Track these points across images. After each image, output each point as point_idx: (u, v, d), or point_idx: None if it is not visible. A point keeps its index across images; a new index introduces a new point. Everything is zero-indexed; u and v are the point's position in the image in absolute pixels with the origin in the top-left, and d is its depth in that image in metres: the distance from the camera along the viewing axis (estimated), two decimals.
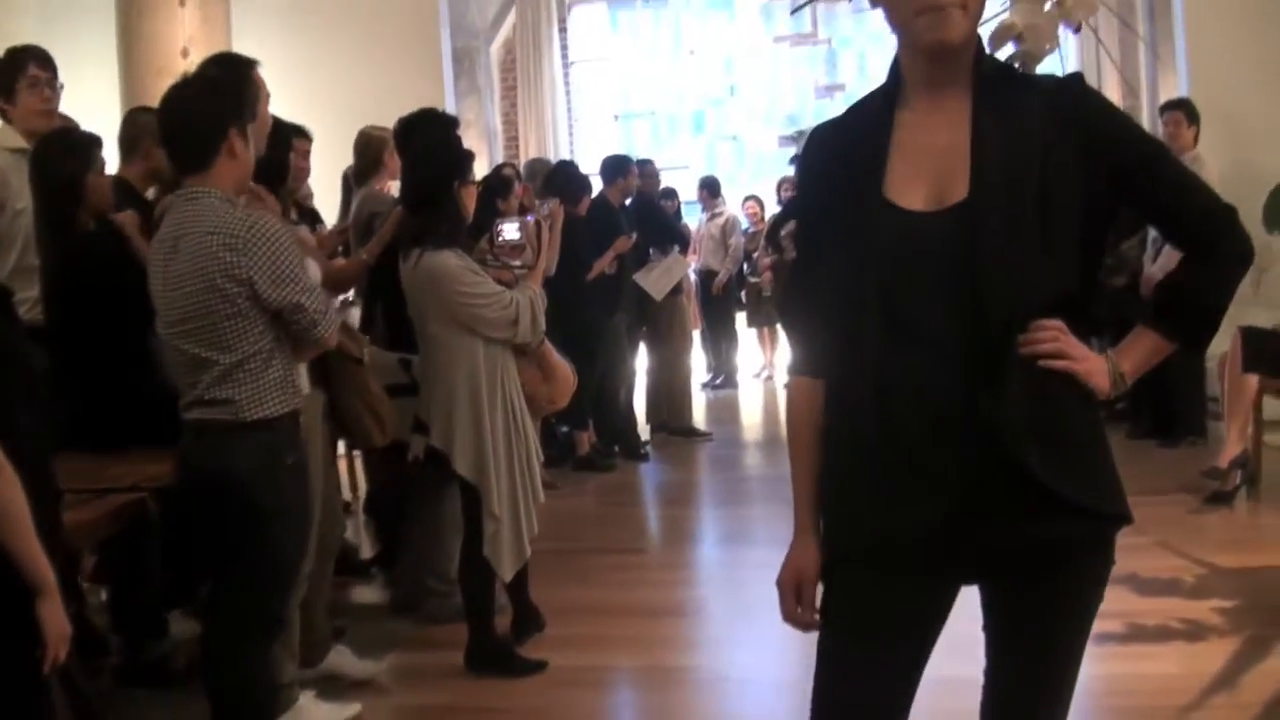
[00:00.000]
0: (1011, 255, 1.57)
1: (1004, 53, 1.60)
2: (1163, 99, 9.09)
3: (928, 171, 1.63)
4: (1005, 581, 1.70)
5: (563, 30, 12.38)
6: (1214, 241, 1.67)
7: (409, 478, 4.37)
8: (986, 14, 1.65)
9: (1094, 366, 1.64)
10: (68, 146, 3.82)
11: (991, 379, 1.57)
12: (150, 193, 4.08)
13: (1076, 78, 1.70)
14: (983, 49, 1.68)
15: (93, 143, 3.89)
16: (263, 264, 2.76)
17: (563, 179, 7.29)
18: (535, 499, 3.89)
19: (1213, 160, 6.51)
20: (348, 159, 5.48)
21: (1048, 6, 1.59)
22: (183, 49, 5.91)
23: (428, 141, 3.92)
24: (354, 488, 6.26)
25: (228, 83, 2.99)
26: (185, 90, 2.92)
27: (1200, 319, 1.71)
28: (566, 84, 12.45)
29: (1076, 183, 1.60)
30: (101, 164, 3.88)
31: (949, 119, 1.65)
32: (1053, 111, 1.63)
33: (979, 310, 1.57)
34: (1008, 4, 1.63)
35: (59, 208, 3.72)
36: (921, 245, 1.61)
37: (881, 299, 1.61)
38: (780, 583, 1.81)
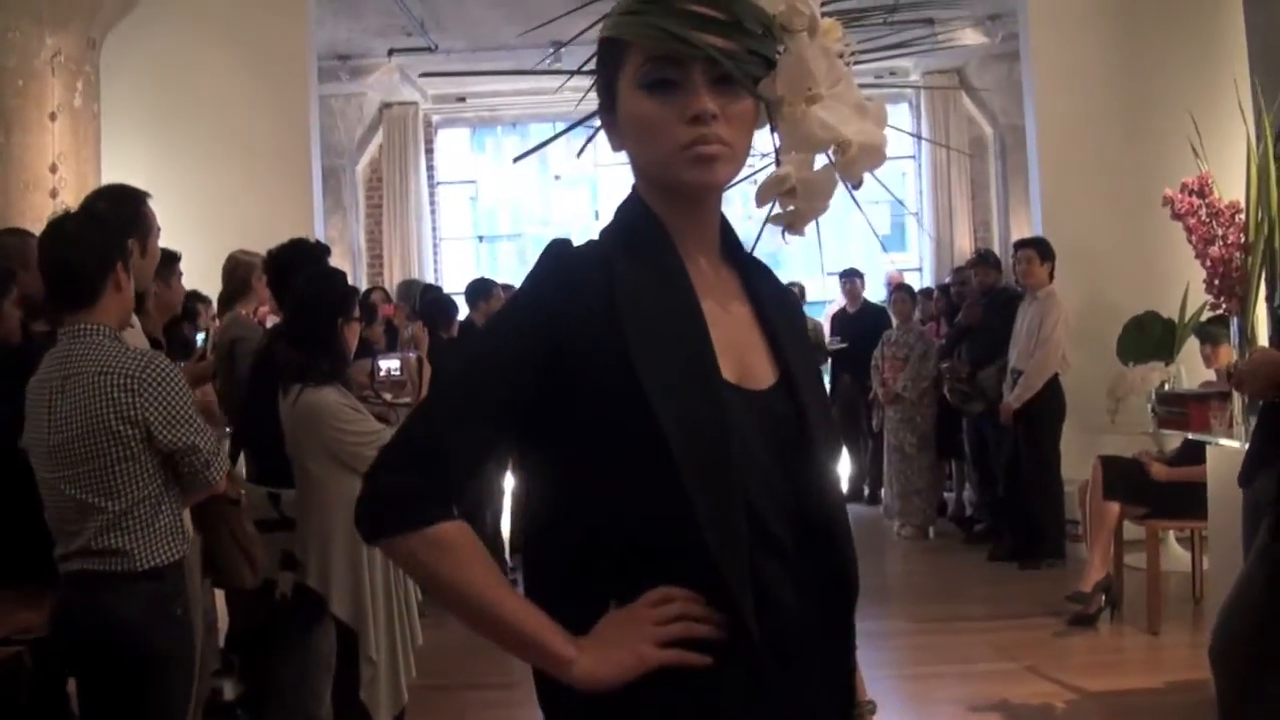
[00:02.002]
0: (828, 442, 1.48)
1: (768, 210, 1.44)
2: (1015, 235, 9.51)
3: (727, 343, 1.40)
4: None
5: (429, 151, 12.45)
6: None
7: (275, 615, 4.20)
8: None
9: None
10: None
11: (835, 594, 1.44)
12: None
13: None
14: (726, 219, 1.50)
15: (8, 275, 3.80)
16: (159, 405, 2.69)
17: (431, 304, 7.27)
18: (413, 642, 3.80)
19: (1068, 294, 6.80)
20: (216, 278, 5.35)
21: (819, 165, 1.41)
22: (51, 164, 5.78)
23: (311, 277, 3.88)
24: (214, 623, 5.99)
25: (113, 217, 2.90)
26: (69, 225, 2.84)
27: None
28: (432, 204, 12.48)
29: None
30: (15, 294, 3.78)
31: (725, 286, 1.47)
32: (795, 310, 1.59)
33: (811, 505, 1.41)
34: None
35: None
36: (757, 427, 1.38)
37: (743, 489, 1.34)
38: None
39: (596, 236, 1.47)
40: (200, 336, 4.31)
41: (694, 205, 1.43)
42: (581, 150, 1.59)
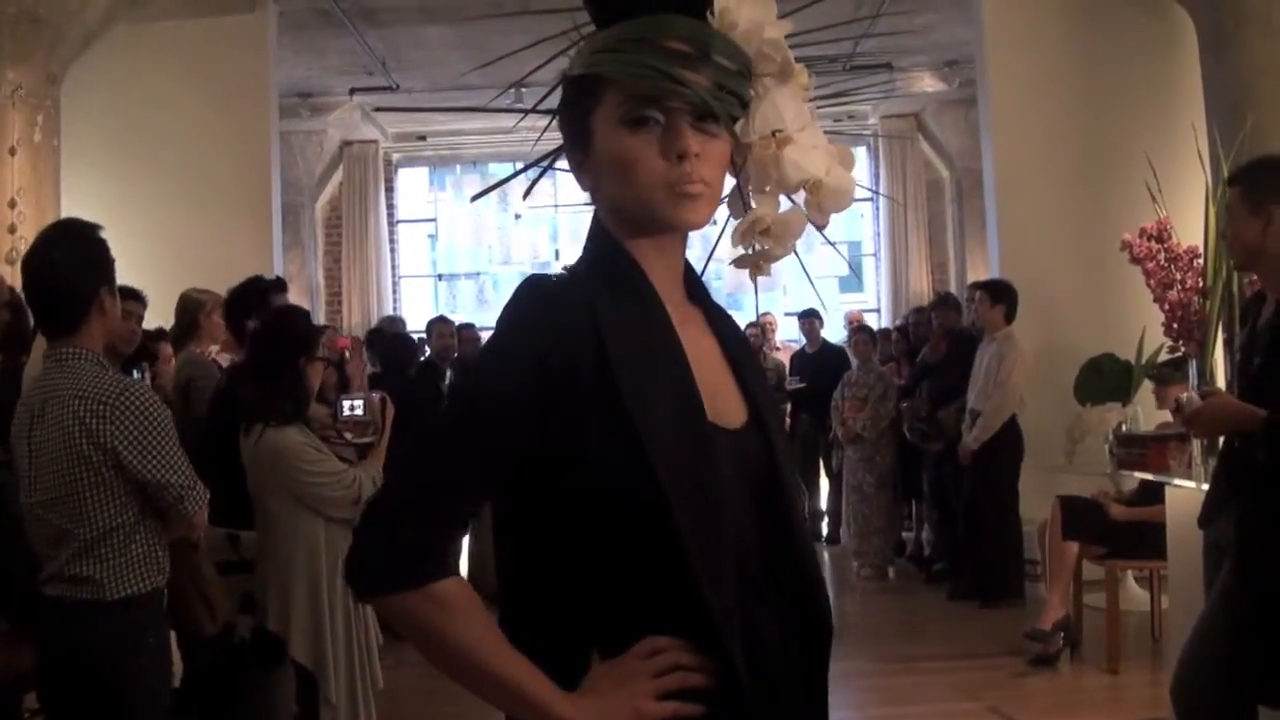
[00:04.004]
0: (794, 481, 1.48)
1: (737, 251, 1.44)
2: (971, 277, 9.56)
3: (703, 382, 1.36)
4: None
5: (389, 189, 12.42)
6: None
7: (233, 658, 4.13)
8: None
9: None
10: None
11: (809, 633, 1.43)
12: None
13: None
14: (689, 261, 1.48)
15: None
16: (129, 433, 2.66)
17: (386, 345, 7.29)
18: (374, 686, 3.73)
19: (1025, 336, 6.83)
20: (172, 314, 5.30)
21: (784, 206, 1.41)
22: (11, 199, 5.74)
23: (275, 315, 3.84)
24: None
25: (91, 243, 2.87)
26: (55, 253, 2.82)
27: None
28: (392, 242, 12.45)
29: None
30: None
31: (695, 325, 1.44)
32: (752, 350, 1.59)
33: (785, 544, 1.41)
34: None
35: None
36: (734, 468, 1.35)
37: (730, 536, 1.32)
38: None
39: (564, 271, 1.43)
40: (135, 373, 4.24)
41: (667, 245, 1.41)
42: (527, 193, 1.55)
